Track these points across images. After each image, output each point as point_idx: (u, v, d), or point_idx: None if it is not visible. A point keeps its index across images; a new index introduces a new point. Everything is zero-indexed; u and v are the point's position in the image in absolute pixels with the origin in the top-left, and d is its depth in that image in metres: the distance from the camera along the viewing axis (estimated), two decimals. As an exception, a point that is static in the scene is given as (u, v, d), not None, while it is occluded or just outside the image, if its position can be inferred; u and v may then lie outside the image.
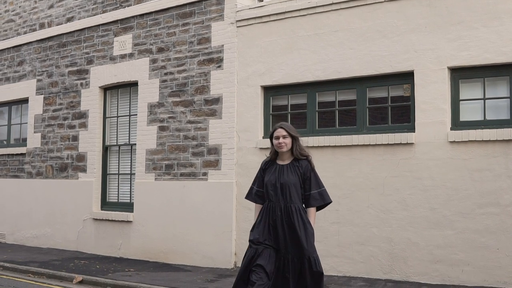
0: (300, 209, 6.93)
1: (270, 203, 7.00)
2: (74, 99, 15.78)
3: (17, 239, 16.97)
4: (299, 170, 7.02)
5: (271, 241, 6.88)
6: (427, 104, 10.57)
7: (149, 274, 12.05)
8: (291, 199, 6.91)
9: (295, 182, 6.96)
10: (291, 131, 7.11)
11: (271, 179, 7.04)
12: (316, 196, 7.03)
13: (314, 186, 7.04)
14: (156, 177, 13.83)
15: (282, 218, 6.86)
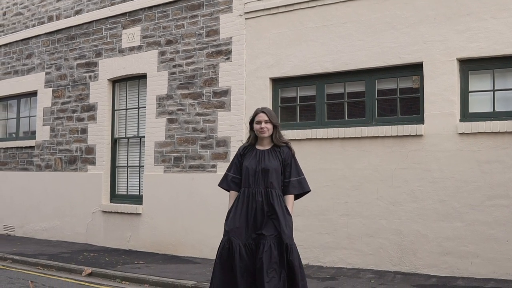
0: (280, 196, 6.77)
1: (249, 189, 6.80)
2: (83, 91, 15.79)
3: (26, 232, 17.02)
4: (280, 156, 6.86)
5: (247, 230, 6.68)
6: (436, 95, 10.54)
7: (158, 266, 12.06)
8: (272, 184, 6.74)
9: (276, 167, 6.79)
10: (272, 118, 6.93)
11: (251, 164, 6.84)
12: (295, 184, 6.86)
13: (294, 173, 6.88)
14: (165, 169, 13.84)
15: (263, 204, 6.68)
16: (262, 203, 6.65)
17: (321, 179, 11.55)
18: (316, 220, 11.64)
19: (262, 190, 6.69)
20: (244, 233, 6.61)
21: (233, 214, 6.80)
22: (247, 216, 6.65)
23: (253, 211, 6.65)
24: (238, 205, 6.77)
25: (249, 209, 6.67)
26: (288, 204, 6.82)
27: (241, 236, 6.60)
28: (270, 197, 6.66)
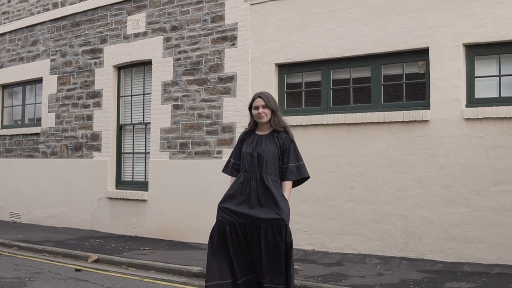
0: (276, 181, 6.63)
1: (245, 174, 6.69)
2: (88, 78, 15.78)
3: (32, 219, 17.05)
4: (278, 141, 6.73)
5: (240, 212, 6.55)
6: (442, 81, 10.51)
7: (164, 252, 12.08)
8: (267, 170, 6.61)
9: (273, 152, 6.67)
10: (270, 102, 6.80)
11: (248, 149, 6.74)
12: (293, 170, 6.71)
13: (292, 159, 6.73)
14: (171, 155, 13.84)
15: (257, 189, 6.55)
16: (256, 188, 6.54)
17: (327, 165, 11.54)
18: (322, 206, 11.64)
19: (258, 176, 6.58)
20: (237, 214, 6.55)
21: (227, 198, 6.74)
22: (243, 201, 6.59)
23: (247, 196, 6.56)
24: (233, 190, 6.71)
25: (243, 194, 6.60)
26: (285, 191, 6.69)
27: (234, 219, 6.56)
28: (265, 182, 6.55)
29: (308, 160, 10.85)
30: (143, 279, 10.05)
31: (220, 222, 6.64)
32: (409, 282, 8.95)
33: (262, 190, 6.53)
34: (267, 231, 6.44)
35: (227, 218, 6.60)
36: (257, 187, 6.53)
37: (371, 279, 9.29)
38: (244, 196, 6.57)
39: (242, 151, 6.82)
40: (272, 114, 6.77)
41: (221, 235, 6.61)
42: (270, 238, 6.42)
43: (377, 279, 9.24)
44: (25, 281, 9.51)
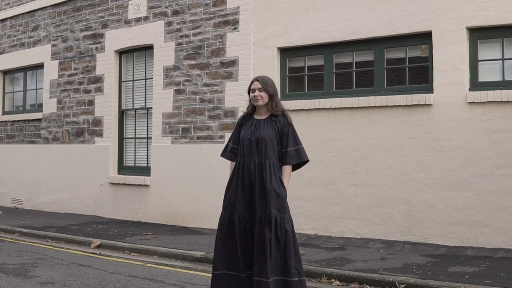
0: (274, 166, 6.53)
1: (244, 159, 6.59)
2: (90, 63, 15.73)
3: (34, 205, 17.05)
4: (276, 125, 6.60)
5: (244, 202, 6.48)
6: (445, 64, 10.47)
7: (167, 237, 12.08)
8: (266, 154, 6.51)
9: (271, 137, 6.56)
10: (267, 86, 6.64)
11: (247, 134, 6.63)
12: (292, 154, 6.59)
13: (291, 143, 6.62)
14: (173, 140, 13.80)
15: (255, 174, 6.47)
16: (254, 174, 6.47)
17: (330, 149, 11.51)
18: (324, 190, 11.61)
19: (256, 161, 6.48)
20: (242, 205, 6.48)
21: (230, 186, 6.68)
22: (243, 187, 6.49)
23: (247, 182, 6.48)
24: (234, 177, 6.63)
25: (245, 180, 6.52)
26: (284, 175, 6.59)
27: (239, 208, 6.49)
28: (263, 168, 6.45)
29: (311, 144, 10.83)
30: (146, 264, 10.05)
31: (228, 212, 6.57)
32: (413, 266, 8.93)
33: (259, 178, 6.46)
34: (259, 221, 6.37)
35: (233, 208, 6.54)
36: (255, 172, 6.46)
37: (375, 263, 9.28)
38: (244, 183, 6.51)
39: (240, 135, 6.75)
40: (270, 98, 6.66)
41: (230, 224, 6.55)
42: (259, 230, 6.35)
43: (381, 263, 9.22)
44: (28, 267, 9.50)
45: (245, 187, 6.48)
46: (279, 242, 6.32)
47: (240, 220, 6.46)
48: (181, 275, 9.13)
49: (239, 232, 6.44)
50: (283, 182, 6.54)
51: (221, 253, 6.58)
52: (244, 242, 6.43)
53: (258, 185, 6.42)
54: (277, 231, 6.33)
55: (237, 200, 6.50)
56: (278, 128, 6.57)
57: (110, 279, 8.72)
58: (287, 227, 6.37)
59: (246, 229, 6.43)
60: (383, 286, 8.28)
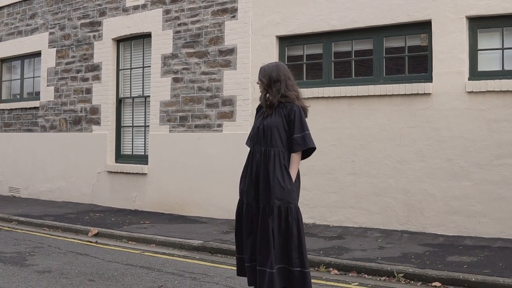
0: (280, 154, 6.37)
1: (254, 147, 6.51)
2: (87, 51, 15.67)
3: (32, 193, 17.02)
4: (283, 112, 6.41)
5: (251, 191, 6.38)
6: (444, 54, 10.43)
7: (164, 226, 12.06)
8: (272, 142, 6.37)
9: (278, 124, 6.39)
10: (261, 75, 6.54)
11: (257, 122, 6.56)
12: (299, 141, 6.37)
13: (297, 129, 6.39)
14: (171, 129, 13.76)
15: (261, 164, 6.37)
16: (260, 162, 6.42)
17: (328, 138, 11.48)
18: (323, 179, 11.59)
19: (262, 149, 6.39)
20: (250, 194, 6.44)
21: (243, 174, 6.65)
22: (251, 176, 6.47)
23: (255, 171, 6.45)
24: (246, 165, 6.61)
25: (253, 169, 6.48)
26: (292, 163, 6.41)
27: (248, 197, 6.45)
28: (268, 157, 6.34)
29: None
30: (144, 253, 10.04)
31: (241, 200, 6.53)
32: (411, 256, 8.92)
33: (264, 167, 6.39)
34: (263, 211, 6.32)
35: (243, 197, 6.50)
36: (261, 160, 6.39)
37: (373, 252, 9.27)
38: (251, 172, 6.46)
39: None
40: (268, 87, 6.58)
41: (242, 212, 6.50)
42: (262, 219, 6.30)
43: (379, 253, 9.21)
44: (25, 255, 9.48)
45: (252, 176, 6.43)
46: (281, 232, 6.24)
47: (248, 209, 6.40)
48: (179, 264, 9.12)
49: (246, 222, 6.40)
50: (290, 171, 6.41)
51: (237, 239, 6.59)
52: (251, 232, 6.38)
53: (263, 174, 6.35)
54: (280, 221, 6.24)
55: (246, 189, 6.45)
56: (285, 115, 6.43)
57: (108, 267, 8.70)
58: (289, 218, 6.27)
59: (253, 219, 6.37)
60: (381, 275, 8.27)
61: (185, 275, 8.23)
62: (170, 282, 7.78)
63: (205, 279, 8.00)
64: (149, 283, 7.73)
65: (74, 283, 7.62)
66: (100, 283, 7.67)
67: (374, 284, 7.90)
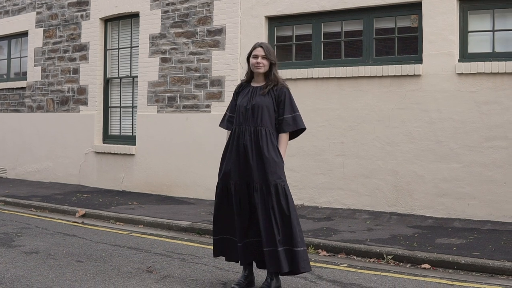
0: (271, 134, 6.45)
1: (240, 127, 6.51)
2: (75, 31, 15.53)
3: (19, 174, 16.92)
4: (273, 92, 6.51)
5: (239, 171, 6.42)
6: (435, 35, 10.39)
7: (152, 207, 12.02)
8: (262, 122, 6.43)
9: (268, 104, 6.47)
10: (270, 54, 6.58)
11: (243, 102, 6.54)
12: (289, 121, 6.49)
13: (288, 110, 6.52)
14: (159, 109, 13.68)
15: (251, 142, 6.40)
16: (251, 142, 6.42)
17: (317, 119, 11.43)
18: (311, 160, 11.55)
19: (252, 128, 6.41)
20: (237, 174, 6.42)
21: (225, 155, 6.61)
22: (238, 156, 6.43)
23: (243, 151, 6.42)
24: (230, 145, 6.56)
25: (240, 149, 6.45)
26: (281, 143, 6.52)
27: (235, 177, 6.43)
28: (259, 136, 6.39)
29: (299, 114, 10.74)
30: (132, 234, 9.99)
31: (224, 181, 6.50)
32: (400, 238, 8.91)
33: (255, 146, 6.38)
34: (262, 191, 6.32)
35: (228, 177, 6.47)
36: (251, 140, 6.38)
37: (362, 234, 9.25)
38: (239, 152, 6.43)
39: (237, 103, 6.65)
40: (270, 66, 6.59)
41: (226, 193, 6.49)
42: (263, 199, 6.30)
43: (368, 234, 9.20)
44: (12, 236, 9.42)
45: (240, 155, 6.43)
46: (283, 209, 6.29)
47: (236, 189, 6.43)
48: (167, 245, 9.09)
49: (236, 201, 6.41)
50: (280, 150, 6.49)
51: (217, 221, 6.63)
52: (241, 212, 6.39)
53: (255, 153, 6.38)
54: (280, 199, 6.30)
55: (232, 169, 6.46)
56: (275, 96, 6.49)
57: (96, 248, 8.66)
58: (288, 195, 6.35)
59: (242, 198, 6.40)
60: (370, 257, 8.27)
61: (174, 256, 8.20)
62: (159, 263, 7.75)
63: (194, 260, 7.98)
64: (137, 264, 7.69)
65: (61, 264, 7.58)
66: (88, 264, 7.63)
67: (363, 266, 7.90)
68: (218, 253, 6.75)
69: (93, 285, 6.61)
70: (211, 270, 7.39)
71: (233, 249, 6.58)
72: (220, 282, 6.84)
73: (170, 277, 7.03)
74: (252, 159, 6.33)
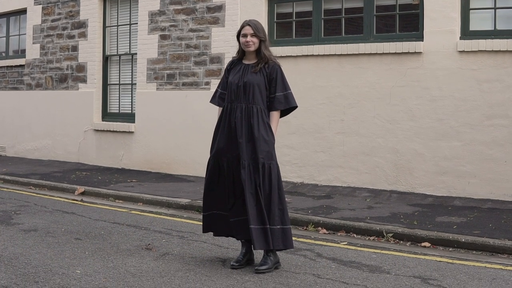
0: (262, 111, 6.48)
1: (231, 104, 6.53)
2: (73, 8, 15.43)
3: (18, 152, 16.87)
4: (265, 70, 6.53)
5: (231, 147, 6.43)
6: (436, 12, 10.30)
7: (151, 184, 12.00)
8: (254, 99, 6.45)
9: (259, 82, 6.48)
10: (259, 31, 6.56)
11: (235, 79, 6.57)
12: (281, 99, 6.53)
13: (279, 88, 6.54)
14: (158, 87, 13.62)
15: (242, 120, 6.42)
16: (241, 119, 6.41)
17: (317, 97, 11.37)
18: (311, 138, 11.50)
19: (243, 106, 6.45)
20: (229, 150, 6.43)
21: (217, 132, 6.60)
22: (229, 133, 6.44)
23: (234, 128, 6.42)
24: (222, 122, 6.56)
25: (231, 126, 6.45)
26: (272, 121, 6.55)
27: (227, 153, 6.43)
28: (250, 114, 6.42)
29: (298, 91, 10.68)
30: (131, 211, 9.99)
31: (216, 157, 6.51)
32: (400, 216, 8.90)
33: (246, 123, 6.41)
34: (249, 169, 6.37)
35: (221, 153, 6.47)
36: (241, 117, 6.39)
37: (361, 212, 9.24)
38: (230, 129, 6.43)
39: (228, 80, 6.63)
40: (260, 43, 6.56)
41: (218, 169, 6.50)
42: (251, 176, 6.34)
43: (368, 212, 9.18)
44: (11, 214, 9.40)
45: (231, 132, 6.45)
46: (264, 188, 6.35)
47: (229, 165, 6.48)
48: (166, 222, 9.08)
49: (228, 176, 6.42)
50: (272, 128, 6.51)
51: (208, 197, 6.68)
52: (231, 186, 6.44)
53: (246, 131, 6.41)
54: (264, 178, 6.35)
55: (224, 145, 6.49)
56: (266, 73, 6.52)
57: (95, 226, 8.64)
58: (272, 174, 6.39)
59: (234, 173, 6.46)
60: (370, 235, 8.26)
61: (173, 234, 8.19)
62: (158, 241, 7.73)
63: (193, 237, 7.97)
64: (136, 241, 7.68)
65: (60, 242, 7.56)
66: (87, 242, 7.61)
67: (363, 244, 7.88)
68: (206, 229, 6.83)
69: (92, 262, 6.59)
70: (210, 248, 7.37)
71: (222, 224, 6.65)
72: (219, 260, 6.84)
73: (169, 255, 7.02)
74: (241, 137, 6.35)
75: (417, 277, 6.21)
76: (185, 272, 6.26)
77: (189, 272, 6.26)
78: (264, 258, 6.42)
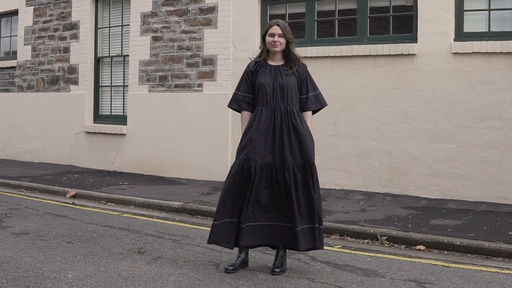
0: (300, 113, 6.49)
1: (267, 107, 6.44)
2: (65, 9, 15.36)
3: (9, 154, 16.78)
4: (297, 72, 6.54)
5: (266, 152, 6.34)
6: (430, 14, 10.29)
7: (143, 187, 11.94)
8: (292, 101, 6.45)
9: (294, 83, 6.48)
10: (287, 32, 6.53)
11: (267, 81, 6.47)
12: (312, 99, 6.59)
13: (310, 88, 6.60)
14: (150, 89, 13.56)
15: (282, 123, 6.38)
16: (281, 122, 6.38)
17: (310, 99, 11.32)
18: (304, 141, 11.44)
19: (282, 108, 6.41)
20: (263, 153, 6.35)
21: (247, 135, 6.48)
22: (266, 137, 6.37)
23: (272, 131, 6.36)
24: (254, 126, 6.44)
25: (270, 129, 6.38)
26: (307, 121, 6.56)
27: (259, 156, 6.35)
28: (291, 116, 6.40)
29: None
30: (123, 214, 9.92)
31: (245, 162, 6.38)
32: (394, 219, 8.85)
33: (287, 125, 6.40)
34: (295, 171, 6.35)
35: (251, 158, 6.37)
36: (281, 120, 6.36)
37: (355, 215, 9.19)
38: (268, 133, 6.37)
39: (258, 82, 6.54)
40: (288, 44, 6.54)
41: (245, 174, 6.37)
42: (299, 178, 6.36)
43: (361, 215, 9.14)
44: (1, 217, 9.32)
45: (268, 136, 6.41)
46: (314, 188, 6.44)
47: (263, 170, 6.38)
48: (158, 226, 9.01)
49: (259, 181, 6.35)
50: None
51: (224, 203, 6.46)
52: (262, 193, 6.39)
53: (291, 132, 6.41)
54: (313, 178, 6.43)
55: (258, 150, 6.39)
56: (298, 74, 6.55)
57: (86, 229, 8.57)
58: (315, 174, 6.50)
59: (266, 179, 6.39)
60: (364, 238, 8.22)
61: (165, 237, 8.12)
62: (150, 244, 7.66)
63: (186, 241, 7.90)
64: (128, 245, 7.61)
65: (52, 245, 7.48)
66: (78, 245, 7.54)
67: (357, 247, 7.84)
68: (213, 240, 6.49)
69: (84, 266, 6.52)
70: (203, 251, 7.31)
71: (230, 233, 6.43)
72: (213, 263, 6.77)
73: (161, 258, 6.95)
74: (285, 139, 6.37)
75: (413, 281, 6.17)
76: (178, 276, 6.19)
77: (182, 276, 6.19)
78: (281, 260, 6.46)
